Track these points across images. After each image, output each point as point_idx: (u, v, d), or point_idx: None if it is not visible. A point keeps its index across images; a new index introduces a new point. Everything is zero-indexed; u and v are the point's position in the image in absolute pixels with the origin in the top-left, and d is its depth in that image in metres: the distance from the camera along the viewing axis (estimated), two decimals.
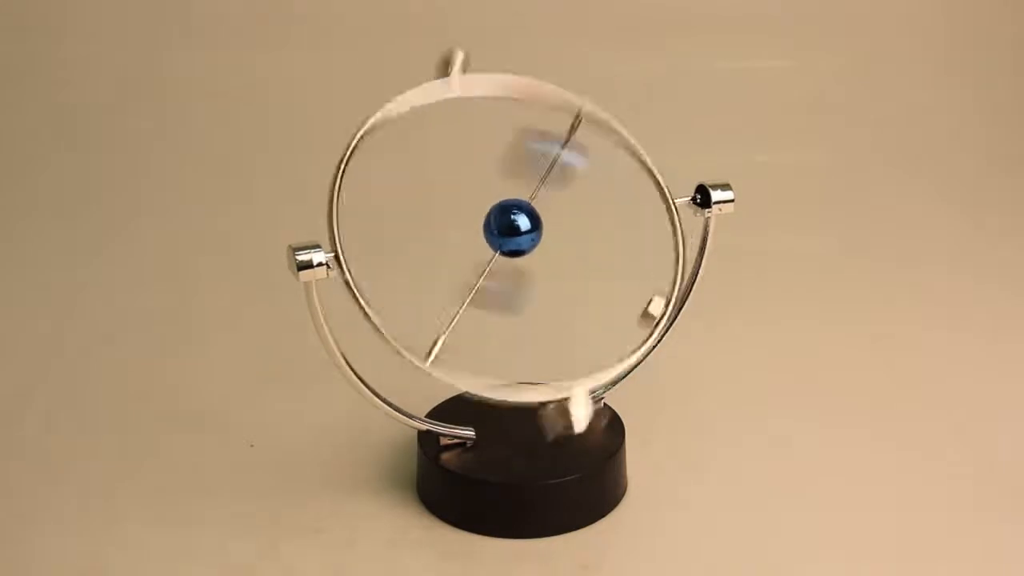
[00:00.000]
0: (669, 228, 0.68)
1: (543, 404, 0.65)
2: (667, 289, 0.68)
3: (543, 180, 0.66)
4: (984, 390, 0.82)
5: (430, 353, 0.63)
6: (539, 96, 0.67)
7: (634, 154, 0.67)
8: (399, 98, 0.64)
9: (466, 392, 0.65)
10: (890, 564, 0.64)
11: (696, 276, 0.70)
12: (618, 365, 0.66)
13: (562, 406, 0.63)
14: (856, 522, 0.68)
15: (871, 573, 0.64)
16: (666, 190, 0.68)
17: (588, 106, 0.66)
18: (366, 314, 0.61)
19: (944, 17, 1.35)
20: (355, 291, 0.61)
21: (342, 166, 0.62)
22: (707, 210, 0.68)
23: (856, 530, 0.67)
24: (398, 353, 0.62)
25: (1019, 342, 0.89)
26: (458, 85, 0.64)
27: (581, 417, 0.62)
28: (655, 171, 0.67)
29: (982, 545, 0.66)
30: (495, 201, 0.65)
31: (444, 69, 0.65)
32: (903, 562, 0.65)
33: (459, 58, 0.64)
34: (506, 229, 0.63)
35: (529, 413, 0.72)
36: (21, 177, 1.18)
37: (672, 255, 0.69)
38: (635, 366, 0.72)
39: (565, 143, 0.66)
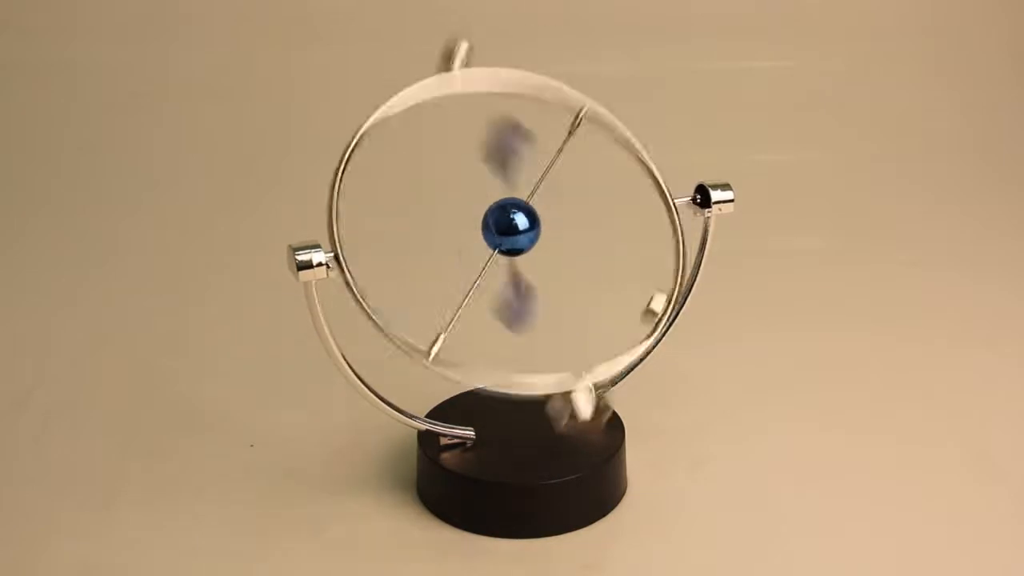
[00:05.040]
0: (669, 228, 0.68)
1: (548, 398, 0.65)
2: (668, 287, 0.68)
3: (541, 179, 0.66)
4: (985, 389, 0.82)
5: (430, 352, 0.63)
6: (541, 94, 0.66)
7: (634, 153, 0.67)
8: (399, 95, 0.63)
9: (475, 389, 0.65)
10: (891, 564, 0.64)
11: (696, 276, 0.70)
12: (621, 358, 0.66)
13: (566, 398, 0.64)
14: (856, 521, 0.68)
15: (871, 573, 0.64)
16: (666, 190, 0.68)
17: (590, 103, 0.66)
18: (367, 313, 0.61)
19: (944, 17, 1.35)
20: (355, 290, 0.61)
21: (342, 166, 0.62)
22: (707, 210, 0.68)
23: (856, 529, 0.67)
24: (401, 351, 0.62)
25: (1020, 340, 0.89)
26: (460, 80, 0.64)
27: (585, 409, 0.64)
28: (655, 170, 0.67)
29: (983, 546, 0.66)
30: (494, 200, 0.65)
31: (447, 62, 0.64)
32: (904, 562, 0.65)
33: (462, 50, 0.64)
34: (504, 228, 0.63)
35: (529, 412, 0.73)
36: (22, 176, 1.18)
37: (672, 255, 0.69)
38: (635, 365, 0.72)
39: (565, 143, 0.66)
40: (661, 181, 0.67)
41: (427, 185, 1.15)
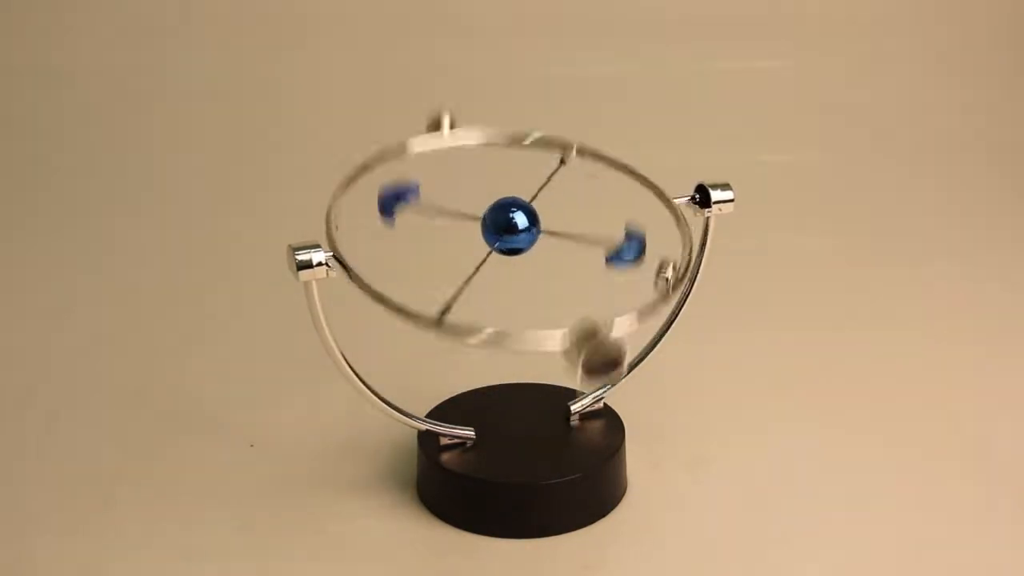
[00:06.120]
0: (670, 228, 0.68)
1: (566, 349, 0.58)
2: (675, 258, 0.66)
3: (545, 183, 0.66)
4: (986, 388, 0.82)
5: (442, 317, 0.60)
6: (528, 141, 0.70)
7: (631, 173, 0.67)
8: (398, 143, 0.67)
9: (479, 340, 0.60)
10: (890, 564, 0.64)
11: (695, 276, 0.70)
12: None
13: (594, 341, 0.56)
14: (856, 521, 0.68)
15: (871, 573, 0.64)
16: (676, 208, 0.67)
17: (577, 143, 0.69)
18: (368, 288, 0.60)
19: (943, 17, 1.35)
20: (349, 271, 0.60)
21: (337, 195, 0.63)
22: (707, 210, 0.68)
23: (856, 530, 0.67)
24: (407, 315, 0.59)
25: (1020, 340, 0.89)
26: (450, 139, 0.69)
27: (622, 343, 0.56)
28: (655, 184, 0.67)
29: (983, 545, 0.66)
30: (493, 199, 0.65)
31: (435, 127, 0.68)
32: (903, 562, 0.65)
33: (447, 118, 0.68)
34: (504, 227, 0.63)
35: (530, 412, 0.73)
36: (22, 177, 1.18)
37: (671, 254, 0.69)
38: (635, 366, 0.72)
39: (547, 181, 0.68)
40: (666, 194, 0.67)
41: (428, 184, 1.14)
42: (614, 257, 0.64)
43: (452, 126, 0.69)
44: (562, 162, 0.69)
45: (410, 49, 1.27)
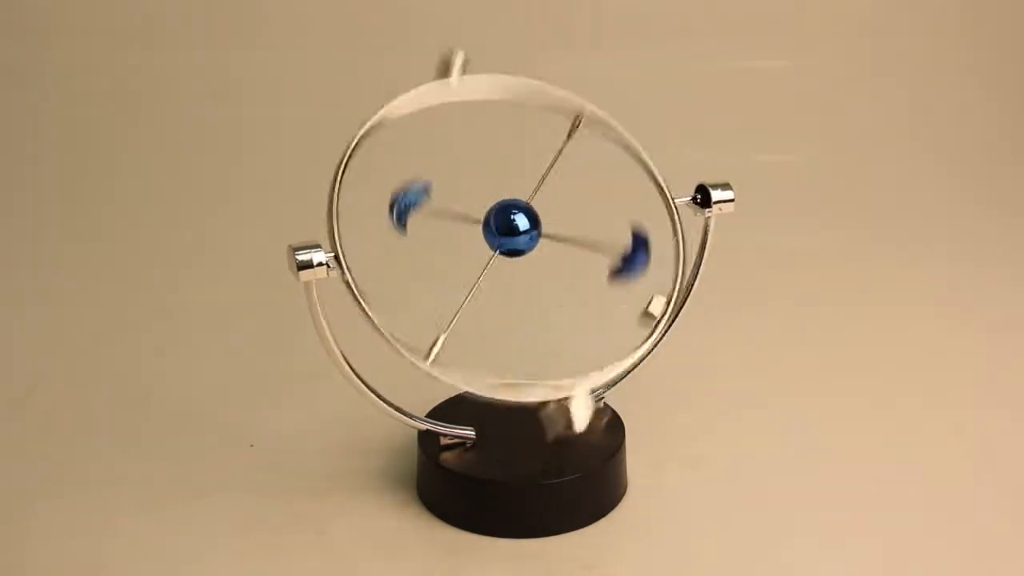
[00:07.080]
0: (669, 227, 0.68)
1: (543, 404, 0.65)
2: (668, 289, 0.68)
3: (543, 179, 0.67)
4: (988, 387, 0.82)
5: (429, 353, 0.63)
6: (540, 99, 0.67)
7: (634, 154, 0.67)
8: (398, 100, 0.64)
9: (467, 392, 0.65)
10: (890, 563, 0.64)
11: (696, 276, 0.70)
12: (617, 364, 0.66)
13: (563, 406, 0.63)
14: (856, 521, 0.68)
15: (871, 572, 0.64)
16: (666, 190, 0.68)
17: (589, 107, 0.67)
18: (366, 314, 0.61)
19: (943, 16, 1.35)
20: (355, 291, 0.61)
21: (341, 167, 0.62)
22: (707, 210, 0.68)
23: (856, 529, 0.67)
24: (399, 353, 0.62)
25: (1019, 338, 0.89)
26: (458, 87, 0.64)
27: (582, 417, 0.62)
28: (655, 171, 0.67)
29: (983, 545, 0.66)
30: (495, 200, 0.65)
31: (444, 71, 0.64)
32: (903, 561, 0.65)
33: (459, 59, 0.64)
34: (505, 229, 0.63)
35: (530, 413, 0.72)
36: (21, 177, 1.18)
37: (672, 255, 0.69)
38: (635, 366, 0.72)
39: (564, 145, 0.67)
40: (662, 182, 0.67)
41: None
42: (622, 270, 0.64)
43: (464, 71, 0.64)
44: (569, 136, 0.67)
45: (409, 48, 1.27)
